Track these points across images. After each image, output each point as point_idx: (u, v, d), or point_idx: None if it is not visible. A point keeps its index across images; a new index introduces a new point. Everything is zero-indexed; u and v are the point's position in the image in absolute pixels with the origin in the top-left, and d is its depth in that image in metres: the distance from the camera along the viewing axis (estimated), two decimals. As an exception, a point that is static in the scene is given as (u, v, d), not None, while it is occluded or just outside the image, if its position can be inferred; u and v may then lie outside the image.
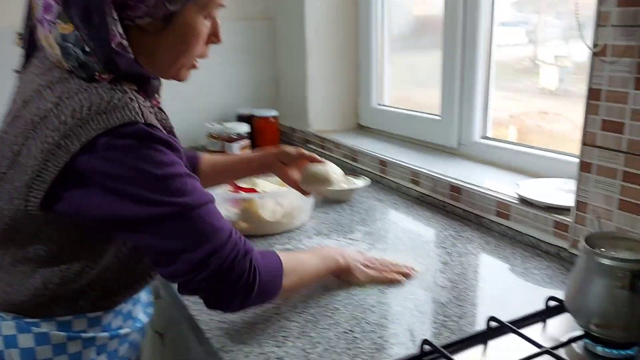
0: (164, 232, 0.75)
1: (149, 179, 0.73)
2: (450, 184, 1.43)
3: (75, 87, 0.74)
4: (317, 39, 2.01)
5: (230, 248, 0.78)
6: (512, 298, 1.01)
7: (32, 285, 0.80)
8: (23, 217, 0.76)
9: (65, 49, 0.73)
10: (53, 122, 0.72)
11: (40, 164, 0.73)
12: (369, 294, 1.03)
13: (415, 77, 1.99)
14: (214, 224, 0.78)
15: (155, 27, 0.78)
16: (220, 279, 0.78)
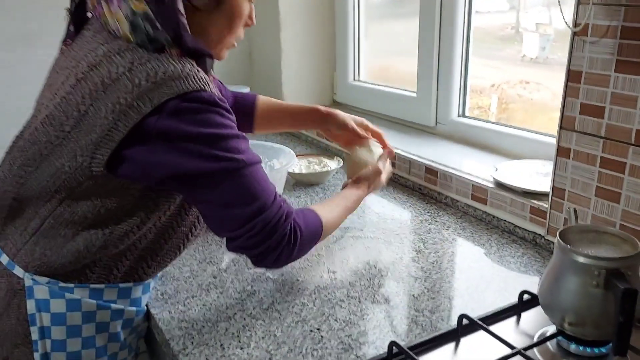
0: (219, 186, 0.79)
1: (210, 137, 0.77)
2: (426, 166, 1.38)
3: (147, 55, 0.78)
4: (291, 11, 1.92)
5: (275, 209, 0.82)
6: (486, 289, 0.98)
7: (73, 247, 0.83)
8: (83, 175, 0.79)
9: (135, 24, 0.77)
10: (126, 84, 0.75)
11: (110, 123, 0.75)
12: (338, 287, 0.99)
13: (396, 46, 1.92)
14: (262, 183, 0.82)
15: (208, 6, 0.84)
16: (265, 237, 0.82)
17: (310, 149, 1.80)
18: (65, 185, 0.80)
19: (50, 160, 0.81)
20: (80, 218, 0.82)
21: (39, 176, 0.82)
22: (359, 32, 1.92)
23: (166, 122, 0.75)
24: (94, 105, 0.77)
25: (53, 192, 0.82)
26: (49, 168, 0.81)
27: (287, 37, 1.95)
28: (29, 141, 0.84)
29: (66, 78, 0.83)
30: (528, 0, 1.53)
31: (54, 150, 0.81)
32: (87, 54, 0.82)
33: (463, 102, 1.56)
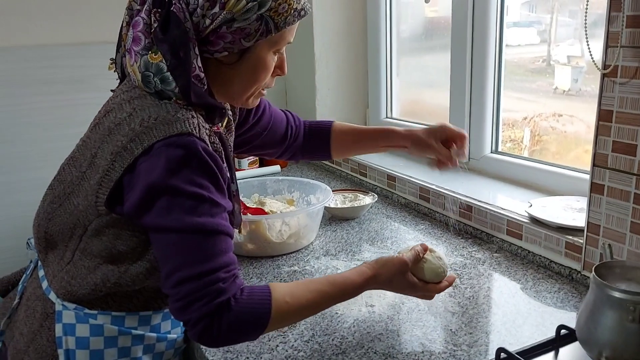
0: (168, 244, 0.80)
1: (173, 190, 0.79)
2: (461, 202, 1.41)
3: (149, 102, 0.85)
4: (325, 51, 2.00)
5: (207, 282, 0.78)
6: (523, 324, 0.99)
7: (92, 280, 0.88)
8: (93, 213, 0.85)
9: (146, 77, 0.83)
10: (124, 128, 0.83)
11: (109, 164, 0.82)
12: (377, 320, 1.01)
13: (427, 80, 1.97)
14: (206, 253, 0.80)
15: (231, 60, 0.88)
16: (186, 308, 0.79)
17: (345, 184, 1.84)
18: (80, 223, 0.87)
19: (70, 199, 0.88)
20: (98, 253, 0.87)
21: (62, 213, 0.89)
22: (391, 69, 1.98)
23: (146, 164, 0.79)
24: (101, 147, 0.85)
25: (72, 228, 0.88)
26: (68, 206, 0.88)
27: (321, 77, 2.03)
28: (57, 180, 0.93)
29: (92, 122, 0.93)
30: (559, 34, 1.55)
31: (74, 190, 0.88)
32: (110, 100, 0.92)
33: (496, 137, 1.59)
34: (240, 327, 0.81)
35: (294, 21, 0.88)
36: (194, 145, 0.80)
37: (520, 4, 1.59)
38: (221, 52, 0.86)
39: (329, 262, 1.27)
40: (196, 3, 0.82)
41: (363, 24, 2.01)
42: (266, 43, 0.88)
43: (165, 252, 0.81)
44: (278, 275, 1.21)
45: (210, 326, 0.78)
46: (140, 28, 0.83)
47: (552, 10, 1.56)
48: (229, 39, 0.84)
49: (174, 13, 0.81)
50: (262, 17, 0.84)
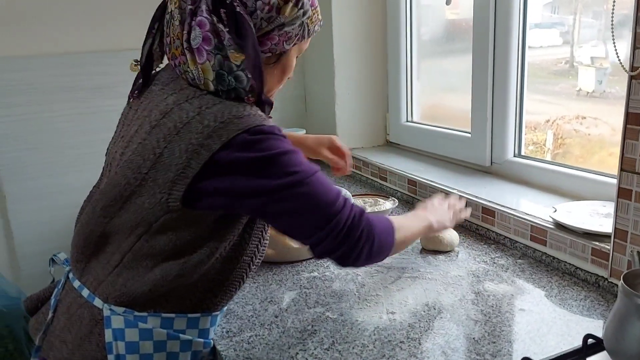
0: (294, 197, 0.86)
1: (275, 158, 0.84)
2: (483, 207, 1.39)
3: (212, 100, 0.88)
4: (345, 56, 2.00)
5: (348, 209, 0.89)
6: (548, 332, 0.97)
7: (151, 277, 0.89)
8: (161, 210, 0.86)
9: (221, 76, 0.87)
10: (197, 126, 0.85)
11: (184, 162, 0.84)
12: (398, 328, 1.00)
13: (447, 83, 1.95)
14: (327, 187, 0.88)
15: (270, 61, 0.94)
16: (346, 236, 0.88)
17: (365, 189, 1.83)
18: (144, 221, 0.88)
19: (131, 200, 0.89)
20: (158, 250, 0.89)
21: (123, 214, 0.90)
22: (412, 73, 1.96)
23: (237, 154, 0.83)
24: (168, 147, 0.86)
25: (134, 227, 0.89)
26: (130, 206, 0.89)
27: (341, 81, 2.02)
28: (109, 184, 0.92)
29: (139, 127, 0.92)
30: (582, 35, 1.53)
31: (134, 191, 0.88)
32: (158, 104, 0.92)
33: (519, 141, 1.57)
34: (384, 237, 0.94)
35: (319, 29, 0.97)
36: (270, 129, 0.86)
37: (542, 5, 1.57)
38: (266, 53, 0.91)
39: (349, 269, 1.26)
40: (254, 6, 0.87)
41: (383, 27, 2.00)
42: (297, 47, 0.95)
43: (297, 207, 0.86)
44: (298, 282, 1.21)
45: (368, 241, 0.90)
46: (208, 28, 0.86)
47: (575, 11, 1.53)
48: (275, 41, 0.90)
49: (241, 15, 0.85)
50: (303, 24, 0.92)
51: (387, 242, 0.95)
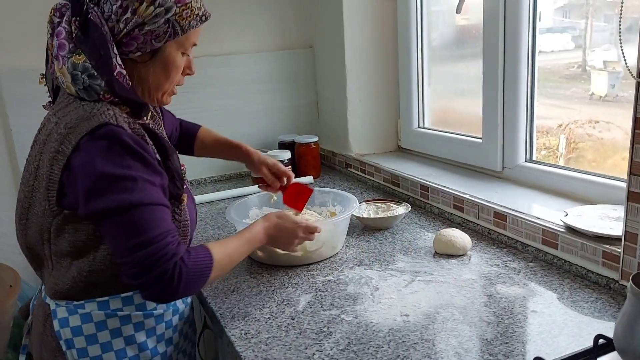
0: (111, 219, 0.91)
1: (106, 177, 0.90)
2: (495, 211, 1.41)
3: (70, 107, 0.97)
4: (357, 63, 2.03)
5: (160, 247, 0.91)
6: (560, 334, 0.99)
7: (70, 275, 0.99)
8: (49, 215, 0.96)
9: (75, 76, 0.94)
10: (54, 136, 0.95)
11: (49, 169, 0.94)
12: (412, 330, 1.02)
13: (458, 88, 1.97)
14: (149, 223, 0.91)
15: (144, 59, 1.00)
16: (144, 270, 0.91)
17: (377, 195, 1.86)
18: (44, 228, 0.98)
19: (30, 210, 1.00)
20: (65, 252, 0.98)
21: (30, 225, 1.01)
22: (422, 78, 1.99)
23: (79, 158, 0.91)
24: (41, 159, 0.97)
25: (40, 235, 0.99)
26: (32, 217, 1.00)
27: (353, 88, 2.05)
28: (17, 201, 1.05)
29: (32, 143, 1.05)
30: (594, 39, 1.53)
31: (30, 203, 1.00)
32: (44, 119, 1.03)
33: (530, 145, 1.58)
34: (193, 281, 0.95)
35: (197, 25, 1.01)
36: (113, 133, 0.91)
37: (553, 10, 1.58)
38: (135, 53, 0.97)
39: (363, 272, 1.28)
40: (110, 10, 0.94)
41: (394, 34, 2.03)
42: (174, 44, 1.00)
43: (112, 230, 0.92)
44: (313, 285, 1.23)
45: (169, 283, 0.91)
46: (63, 36, 0.95)
47: (586, 15, 1.54)
48: (140, 40, 0.96)
49: (91, 20, 0.93)
50: (169, 21, 0.96)
51: (199, 281, 0.98)
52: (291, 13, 2.24)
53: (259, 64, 2.20)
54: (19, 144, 1.85)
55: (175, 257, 0.93)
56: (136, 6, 0.93)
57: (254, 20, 2.18)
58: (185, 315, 1.13)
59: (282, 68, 2.25)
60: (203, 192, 2.01)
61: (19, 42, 1.83)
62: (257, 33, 2.20)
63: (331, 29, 2.07)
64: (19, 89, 1.83)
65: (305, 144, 2.10)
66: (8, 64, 1.83)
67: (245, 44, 2.17)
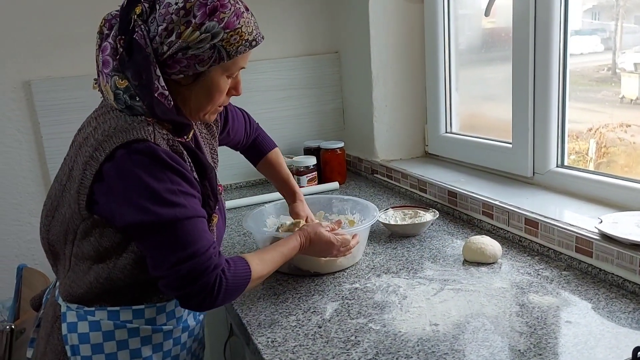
0: (154, 233, 0.91)
1: (148, 191, 0.90)
2: (526, 217, 1.38)
3: (111, 115, 0.97)
4: (383, 68, 2.01)
5: (204, 259, 0.93)
6: (596, 345, 0.95)
7: (87, 280, 0.98)
8: (77, 218, 0.96)
9: (117, 95, 0.94)
10: (90, 140, 0.95)
11: (82, 173, 0.93)
12: (441, 340, 1.00)
13: (486, 92, 1.94)
14: (194, 235, 0.93)
15: (187, 82, 0.98)
16: (189, 282, 0.92)
17: (404, 201, 1.83)
18: (70, 229, 0.98)
19: (59, 210, 1.00)
20: (87, 255, 0.97)
21: (55, 224, 1.01)
22: (450, 83, 1.96)
23: (114, 170, 0.90)
24: (76, 161, 0.97)
25: (65, 235, 0.99)
26: (59, 217, 1.00)
27: (379, 94, 2.03)
28: (47, 196, 1.05)
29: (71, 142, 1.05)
30: (624, 41, 1.50)
31: (60, 202, 1.00)
32: (85, 120, 1.04)
33: (561, 151, 1.54)
34: (232, 291, 0.98)
35: (245, 50, 0.99)
36: (149, 149, 0.91)
37: (582, 11, 1.55)
38: (178, 75, 0.96)
39: (390, 280, 1.26)
40: (156, 31, 0.92)
41: (420, 38, 2.01)
42: (219, 68, 0.98)
43: (154, 244, 0.92)
44: (339, 293, 1.22)
45: (210, 294, 0.93)
46: (108, 52, 0.94)
47: (616, 16, 1.51)
48: (184, 64, 0.94)
49: (135, 40, 0.91)
50: (215, 47, 0.94)
51: (238, 290, 1.00)
52: (316, 19, 2.24)
53: (285, 70, 2.20)
54: (49, 151, 1.89)
55: (217, 269, 0.94)
56: (182, 30, 0.92)
57: (279, 26, 2.18)
58: (195, 332, 1.12)
59: (308, 74, 2.25)
60: (229, 197, 2.01)
61: (50, 50, 1.87)
62: (283, 39, 2.21)
63: (357, 34, 2.06)
64: (50, 96, 1.87)
65: (330, 150, 2.09)
66: (40, 72, 1.87)
67: (271, 50, 2.17)
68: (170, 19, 0.92)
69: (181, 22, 0.92)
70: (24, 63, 1.85)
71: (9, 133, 1.87)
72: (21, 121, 1.88)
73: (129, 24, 0.92)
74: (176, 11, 0.92)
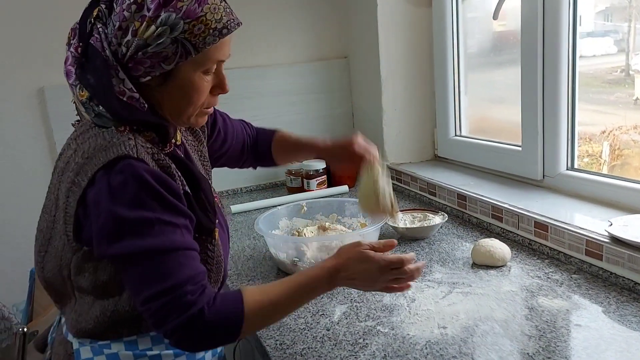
0: (129, 268, 0.83)
1: (118, 219, 0.81)
2: (536, 221, 1.37)
3: (90, 133, 0.89)
4: (392, 72, 2.01)
5: (176, 296, 0.82)
6: (607, 349, 0.95)
7: (94, 314, 0.90)
8: (69, 251, 0.87)
9: (84, 105, 0.87)
10: (72, 165, 0.87)
11: (65, 202, 0.86)
12: (450, 343, 1.00)
13: (496, 96, 1.94)
14: (168, 270, 0.83)
15: (157, 83, 0.88)
16: (162, 321, 0.83)
17: (414, 204, 1.83)
18: (64, 264, 0.89)
19: (51, 243, 0.91)
20: (87, 290, 0.89)
21: (49, 258, 0.92)
22: (459, 86, 1.96)
23: (96, 195, 0.82)
24: (60, 188, 0.89)
25: (60, 271, 0.90)
26: (52, 250, 0.91)
27: (388, 98, 2.04)
28: (38, 229, 0.96)
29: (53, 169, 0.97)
30: (638, 42, 1.48)
31: (51, 235, 0.91)
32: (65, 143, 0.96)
33: (571, 153, 1.54)
34: (215, 332, 0.85)
35: (215, 41, 0.86)
36: (131, 168, 0.82)
37: (594, 13, 1.54)
38: (144, 77, 0.86)
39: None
40: (112, 32, 0.84)
41: (429, 42, 2.01)
42: (190, 64, 0.87)
43: (127, 276, 0.84)
44: (348, 295, 1.22)
45: (186, 336, 0.83)
46: (70, 62, 0.88)
47: (629, 18, 1.50)
48: (148, 64, 0.84)
49: (91, 45, 0.84)
50: (177, 40, 0.83)
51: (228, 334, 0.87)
52: (325, 24, 2.25)
53: (294, 76, 2.22)
54: (62, 156, 1.91)
55: (193, 309, 0.83)
56: (136, 26, 0.82)
57: (289, 32, 2.20)
58: (218, 350, 1.06)
59: (317, 79, 2.26)
60: (239, 201, 2.02)
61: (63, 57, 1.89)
62: (292, 45, 2.22)
63: (366, 38, 2.07)
64: (63, 103, 1.88)
65: (340, 154, 2.09)
66: (52, 80, 1.89)
67: (280, 56, 2.19)
68: (123, 17, 0.83)
69: (135, 18, 0.82)
70: (37, 70, 1.88)
71: (23, 139, 1.90)
72: (35, 127, 1.91)
73: (86, 29, 0.86)
74: (128, 7, 0.83)
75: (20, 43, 1.85)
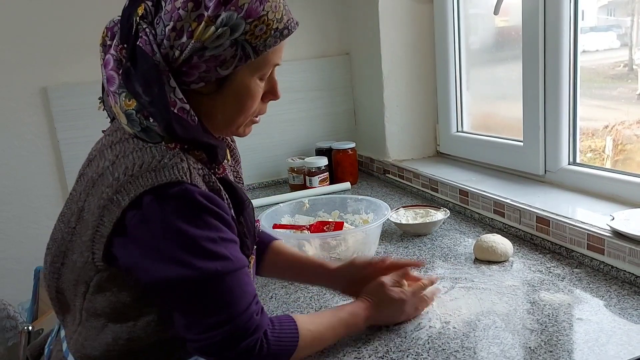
0: (188, 293, 0.76)
1: (183, 240, 0.74)
2: (537, 215, 1.37)
3: (132, 146, 0.79)
4: (393, 69, 2.02)
5: (244, 319, 0.79)
6: (608, 342, 0.95)
7: (103, 340, 0.82)
8: (91, 269, 0.80)
9: (129, 116, 0.77)
10: (108, 178, 0.77)
11: (98, 219, 0.76)
12: (452, 337, 1.01)
13: (498, 91, 1.94)
14: (234, 294, 0.78)
15: (210, 90, 0.81)
16: (226, 347, 0.78)
17: (416, 200, 1.84)
18: (82, 279, 0.81)
19: (68, 256, 0.83)
20: (102, 312, 0.81)
21: (65, 270, 0.84)
22: (461, 82, 1.96)
23: (139, 218, 0.74)
24: (87, 200, 0.79)
25: (76, 285, 0.82)
26: (69, 263, 0.83)
27: (390, 94, 2.04)
28: (52, 239, 0.87)
29: (78, 173, 0.88)
30: (642, 36, 1.49)
31: (68, 247, 0.82)
32: (96, 146, 0.87)
33: (573, 148, 1.54)
34: (276, 355, 0.83)
35: (276, 42, 0.81)
36: (187, 194, 0.75)
37: (597, 8, 1.54)
38: (198, 83, 0.79)
39: (402, 279, 1.27)
40: (163, 33, 0.75)
41: (431, 38, 2.01)
42: (247, 69, 0.81)
43: (187, 302, 0.77)
44: (351, 292, 1.23)
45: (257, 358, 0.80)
46: (111, 66, 0.78)
47: (632, 12, 1.50)
48: (203, 69, 0.77)
49: (139, 47, 0.75)
50: (237, 42, 0.77)
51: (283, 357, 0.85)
52: (327, 21, 2.26)
53: (296, 73, 2.22)
54: (66, 155, 1.92)
55: (259, 332, 0.80)
56: (193, 27, 0.74)
57: (290, 29, 2.20)
58: None
59: (319, 76, 2.26)
60: (242, 199, 2.03)
61: (66, 56, 1.91)
62: (294, 42, 2.21)
63: (367, 35, 2.07)
64: (67, 102, 1.91)
65: (342, 150, 2.10)
66: (56, 78, 1.91)
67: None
68: (178, 16, 0.74)
69: (191, 18, 0.74)
70: (40, 69, 1.89)
71: (27, 138, 1.91)
72: (38, 126, 1.92)
73: (131, 29, 0.76)
74: (183, 5, 0.74)
75: (23, 42, 1.86)
